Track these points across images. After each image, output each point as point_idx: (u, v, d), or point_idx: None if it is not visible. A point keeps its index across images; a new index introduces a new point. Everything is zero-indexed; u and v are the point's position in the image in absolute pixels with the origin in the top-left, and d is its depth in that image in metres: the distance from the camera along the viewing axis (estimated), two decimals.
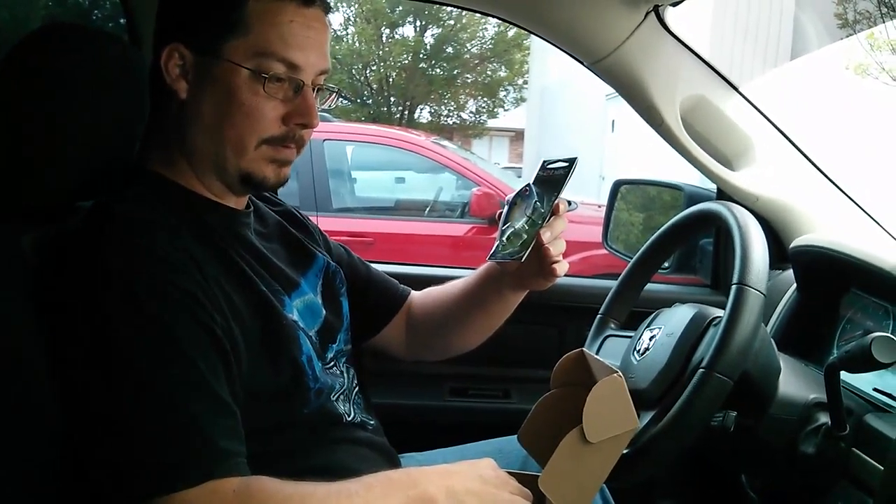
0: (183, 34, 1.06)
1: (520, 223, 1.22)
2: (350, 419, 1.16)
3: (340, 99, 1.21)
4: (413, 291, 1.47)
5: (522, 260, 1.18)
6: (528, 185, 1.24)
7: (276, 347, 1.05)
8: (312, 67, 1.07)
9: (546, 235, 1.18)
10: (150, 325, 0.91)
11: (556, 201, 1.19)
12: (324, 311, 1.22)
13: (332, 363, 1.19)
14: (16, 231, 1.01)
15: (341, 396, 1.16)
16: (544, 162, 1.24)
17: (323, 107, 1.16)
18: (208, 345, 0.95)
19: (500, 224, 1.25)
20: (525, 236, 1.20)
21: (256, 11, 1.03)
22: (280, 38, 1.04)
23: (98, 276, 0.93)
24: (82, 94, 1.03)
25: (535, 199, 1.21)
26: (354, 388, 1.23)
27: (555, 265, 1.22)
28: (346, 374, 1.21)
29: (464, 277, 1.40)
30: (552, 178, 1.21)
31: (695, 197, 1.88)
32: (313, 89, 1.10)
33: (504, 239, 1.22)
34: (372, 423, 1.22)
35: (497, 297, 1.34)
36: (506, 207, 1.26)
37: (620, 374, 0.99)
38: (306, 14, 1.06)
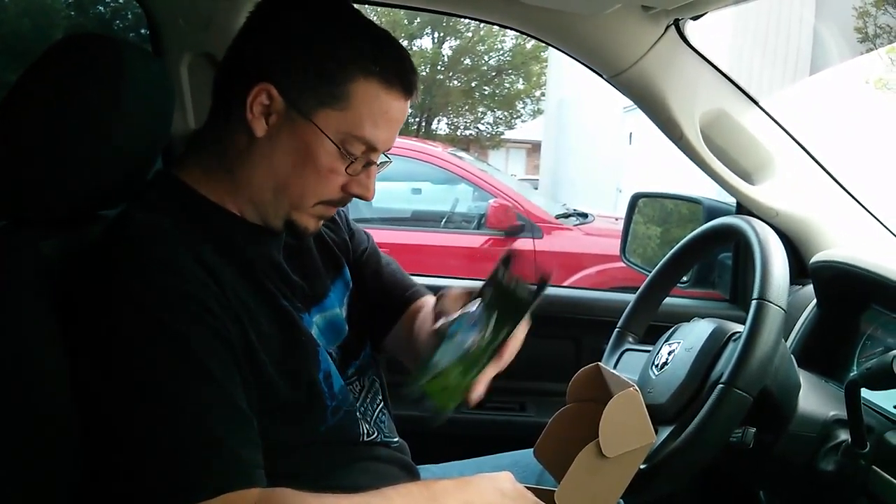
0: (280, 80, 1.02)
1: (448, 360, 0.96)
2: (371, 438, 1.14)
3: None
4: (427, 298, 1.34)
5: (437, 424, 0.96)
6: (480, 306, 0.99)
7: (294, 362, 1.05)
8: (385, 147, 1.09)
9: (477, 391, 1.01)
10: (161, 336, 0.91)
11: (509, 335, 0.99)
12: (346, 327, 1.21)
13: (355, 378, 1.18)
14: (37, 237, 1.01)
15: (362, 414, 1.15)
16: (508, 254, 1.01)
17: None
18: (224, 354, 0.94)
19: (428, 354, 0.99)
20: (452, 384, 0.96)
21: (361, 92, 1.03)
22: (373, 123, 1.04)
23: (110, 287, 0.93)
24: (105, 105, 1.04)
25: (482, 326, 0.97)
26: (378, 404, 1.22)
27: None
28: (368, 390, 1.20)
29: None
30: (511, 297, 0.98)
31: (714, 211, 1.87)
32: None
33: (424, 381, 0.96)
34: (395, 441, 1.21)
35: None
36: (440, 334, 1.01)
37: (636, 387, 0.99)
38: (401, 106, 1.07)
